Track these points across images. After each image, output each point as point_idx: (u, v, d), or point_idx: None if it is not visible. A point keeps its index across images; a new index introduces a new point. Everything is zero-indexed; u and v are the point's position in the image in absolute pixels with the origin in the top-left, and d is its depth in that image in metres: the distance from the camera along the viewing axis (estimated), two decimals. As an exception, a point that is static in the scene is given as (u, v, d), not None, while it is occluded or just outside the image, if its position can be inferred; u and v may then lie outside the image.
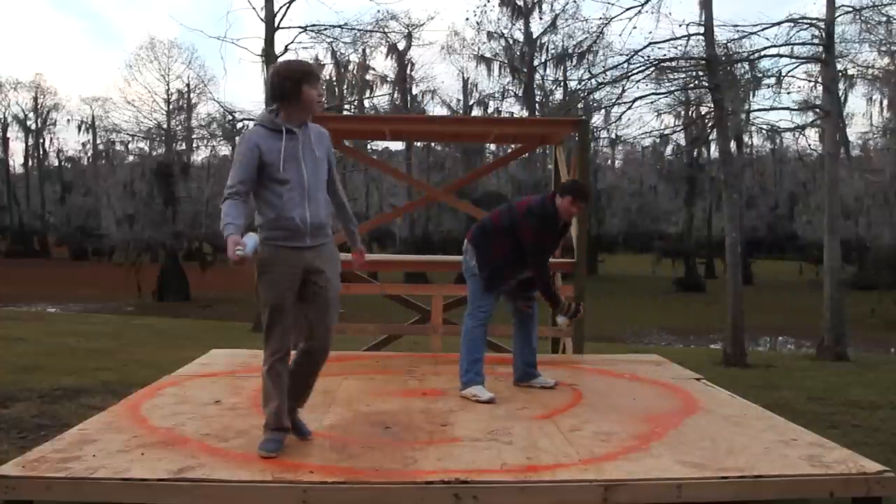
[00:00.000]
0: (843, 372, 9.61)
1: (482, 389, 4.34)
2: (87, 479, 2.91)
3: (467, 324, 4.59)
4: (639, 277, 36.23)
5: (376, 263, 10.63)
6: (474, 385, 4.38)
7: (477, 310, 4.57)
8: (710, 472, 3.08)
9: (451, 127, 9.04)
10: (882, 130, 27.84)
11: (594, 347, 8.41)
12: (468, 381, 4.41)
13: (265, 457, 3.17)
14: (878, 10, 12.14)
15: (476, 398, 4.28)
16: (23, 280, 31.31)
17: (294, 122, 3.23)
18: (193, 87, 31.45)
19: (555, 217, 4.54)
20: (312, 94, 3.22)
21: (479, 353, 4.50)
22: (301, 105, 3.22)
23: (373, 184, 41.11)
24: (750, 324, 12.61)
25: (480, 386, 4.38)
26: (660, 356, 6.26)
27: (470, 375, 4.42)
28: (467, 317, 4.62)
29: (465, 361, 4.47)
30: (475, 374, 4.43)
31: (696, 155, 33.77)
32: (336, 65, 27.25)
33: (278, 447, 3.25)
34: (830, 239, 12.14)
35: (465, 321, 4.64)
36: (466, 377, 4.43)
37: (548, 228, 4.54)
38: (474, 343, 4.52)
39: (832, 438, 3.75)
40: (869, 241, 28.49)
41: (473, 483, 2.92)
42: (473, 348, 4.50)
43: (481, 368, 4.48)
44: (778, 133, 23.01)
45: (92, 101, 43.03)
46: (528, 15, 29.83)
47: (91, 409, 5.24)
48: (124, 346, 10.13)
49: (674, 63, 11.92)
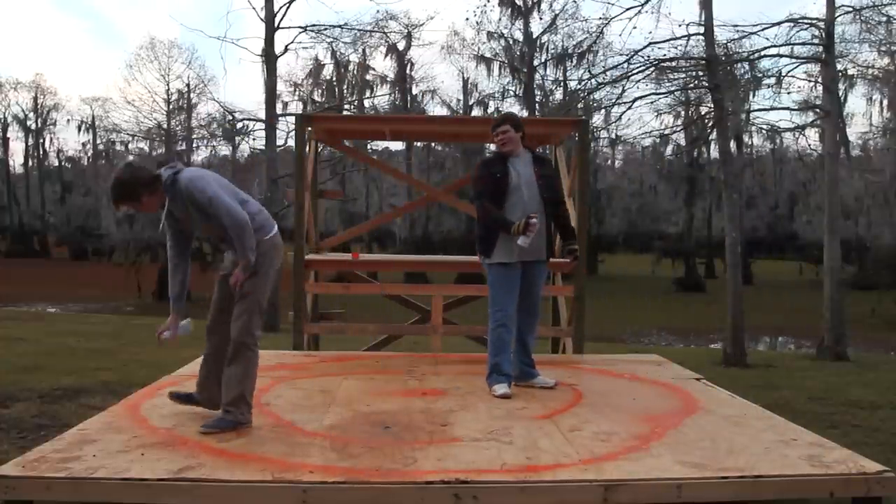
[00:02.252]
0: (843, 372, 9.60)
1: (501, 386, 4.47)
2: (87, 479, 2.91)
3: (489, 325, 4.67)
4: (639, 277, 36.24)
5: (376, 263, 10.65)
6: (496, 384, 4.51)
7: (495, 311, 4.60)
8: (710, 472, 3.08)
9: (451, 127, 9.05)
10: (882, 130, 27.86)
11: (594, 347, 8.41)
12: (490, 382, 4.55)
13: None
14: (878, 10, 12.13)
15: (494, 393, 4.44)
16: (23, 280, 31.33)
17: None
18: (193, 87, 31.51)
19: (499, 157, 4.65)
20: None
21: (498, 355, 4.55)
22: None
23: (373, 184, 41.13)
24: (750, 324, 12.61)
25: (502, 384, 4.49)
26: (660, 356, 6.26)
27: (492, 378, 4.55)
28: (489, 318, 4.66)
29: (488, 364, 4.60)
30: (497, 374, 4.54)
31: (696, 155, 33.80)
32: (336, 65, 27.26)
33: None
34: (830, 239, 12.14)
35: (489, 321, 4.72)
36: (489, 380, 4.57)
37: (491, 168, 4.63)
38: (493, 345, 4.59)
39: (832, 438, 3.75)
40: (869, 241, 28.52)
41: (473, 483, 2.92)
42: (493, 350, 4.59)
43: (505, 367, 4.56)
44: (778, 133, 23.02)
45: (92, 101, 43.06)
46: (527, 15, 29.85)
47: (91, 409, 5.24)
48: (124, 346, 10.12)
49: (674, 63, 11.91)
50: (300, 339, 6.43)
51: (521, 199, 4.55)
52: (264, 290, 3.68)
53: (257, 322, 3.67)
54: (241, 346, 3.61)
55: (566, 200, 5.35)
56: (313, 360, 5.78)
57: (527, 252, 4.49)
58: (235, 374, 3.60)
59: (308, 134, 6.83)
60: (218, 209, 3.48)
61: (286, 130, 19.46)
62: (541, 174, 4.66)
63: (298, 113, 22.66)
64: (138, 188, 3.47)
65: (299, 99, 29.31)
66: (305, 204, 6.58)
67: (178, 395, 3.92)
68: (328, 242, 8.24)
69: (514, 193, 4.56)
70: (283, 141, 19.37)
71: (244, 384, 3.62)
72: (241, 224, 3.49)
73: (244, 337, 3.61)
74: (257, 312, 3.66)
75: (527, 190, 4.57)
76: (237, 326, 3.62)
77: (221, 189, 3.56)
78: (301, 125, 6.69)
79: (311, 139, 7.00)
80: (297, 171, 6.63)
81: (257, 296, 3.64)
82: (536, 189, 4.59)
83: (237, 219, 3.49)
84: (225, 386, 3.63)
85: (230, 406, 3.60)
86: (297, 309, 6.34)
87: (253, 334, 3.64)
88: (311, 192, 7.05)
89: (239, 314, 3.63)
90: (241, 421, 3.60)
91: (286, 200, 15.96)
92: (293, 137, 8.22)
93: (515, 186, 4.56)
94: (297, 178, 6.64)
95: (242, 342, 3.61)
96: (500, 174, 4.58)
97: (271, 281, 3.74)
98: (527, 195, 4.56)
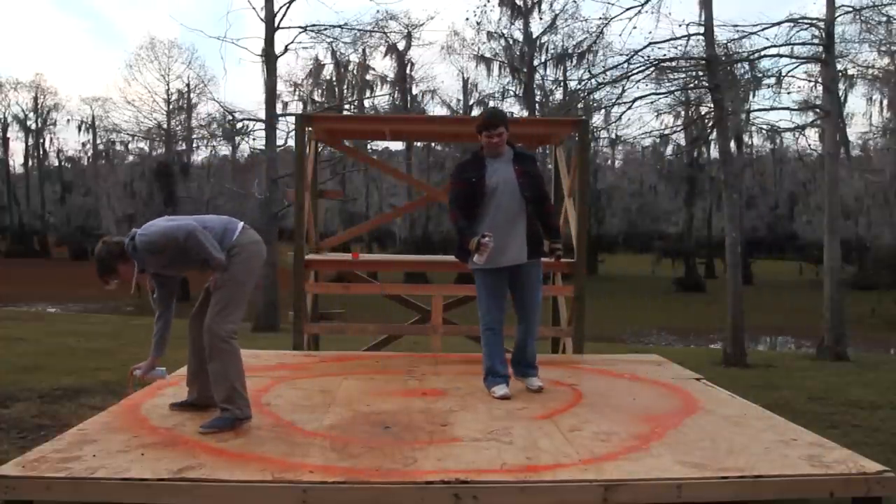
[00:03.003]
0: (843, 372, 9.60)
1: (500, 387, 4.45)
2: (87, 479, 2.91)
3: (480, 328, 4.66)
4: (639, 277, 36.24)
5: (376, 263, 10.65)
6: (494, 386, 4.48)
7: (482, 315, 4.60)
8: (710, 472, 3.08)
9: (451, 127, 9.04)
10: (882, 130, 27.86)
11: (594, 347, 8.41)
12: (488, 385, 4.53)
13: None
14: (878, 10, 12.13)
15: (493, 395, 4.42)
16: (23, 280, 31.35)
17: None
18: (193, 87, 31.53)
19: (476, 158, 4.53)
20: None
21: (491, 359, 4.54)
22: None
23: (373, 184, 41.12)
24: (750, 324, 12.61)
25: (500, 385, 4.47)
26: (660, 356, 6.26)
27: (489, 381, 4.54)
28: (479, 322, 4.66)
29: (483, 367, 4.60)
30: (493, 376, 4.53)
31: (696, 155, 33.79)
32: (336, 65, 27.28)
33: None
34: (830, 239, 12.14)
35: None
36: (486, 382, 4.55)
37: (465, 174, 4.51)
38: (486, 348, 4.58)
39: (832, 438, 3.75)
40: (869, 241, 28.54)
41: (473, 483, 2.92)
42: (485, 353, 4.59)
43: (500, 370, 4.53)
44: (778, 133, 23.00)
45: (92, 101, 43.00)
46: (527, 15, 29.84)
47: (91, 409, 5.24)
48: (124, 346, 10.11)
49: (674, 63, 11.91)
50: (300, 339, 6.43)
51: (499, 203, 4.41)
52: (238, 284, 3.73)
53: (232, 315, 3.71)
54: (214, 339, 3.65)
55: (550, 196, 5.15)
56: (313, 360, 5.78)
57: (502, 259, 4.40)
58: (217, 371, 3.66)
59: (308, 134, 6.83)
60: (168, 234, 3.61)
61: (286, 130, 19.49)
62: (522, 171, 4.47)
63: (298, 113, 22.67)
64: (112, 261, 3.62)
65: (299, 99, 29.36)
66: (305, 204, 6.58)
67: (177, 405, 4.02)
68: (328, 242, 8.24)
69: (491, 197, 4.41)
70: (283, 141, 19.40)
71: (230, 378, 3.65)
72: (189, 230, 3.60)
73: (217, 330, 3.65)
74: (231, 305, 3.70)
75: (506, 191, 4.41)
76: (209, 318, 3.69)
77: (163, 221, 3.74)
78: (301, 125, 6.69)
79: (311, 139, 7.00)
80: (297, 171, 6.63)
81: (230, 289, 3.70)
82: (517, 188, 4.43)
83: (188, 230, 3.60)
84: (213, 385, 3.69)
85: (225, 403, 3.64)
86: (297, 309, 6.34)
87: (225, 327, 3.67)
88: (311, 192, 7.05)
89: (212, 307, 3.71)
90: (238, 416, 3.63)
91: (286, 200, 15.96)
92: (293, 137, 8.23)
93: (492, 189, 4.41)
94: (297, 178, 6.64)
95: (216, 335, 3.65)
96: (476, 178, 4.43)
97: (248, 276, 3.80)
98: (506, 197, 4.41)
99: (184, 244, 3.59)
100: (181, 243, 3.59)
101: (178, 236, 3.59)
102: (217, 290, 3.72)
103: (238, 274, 3.72)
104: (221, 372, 3.65)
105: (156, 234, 3.62)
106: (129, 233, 3.70)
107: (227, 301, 3.70)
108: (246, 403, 3.68)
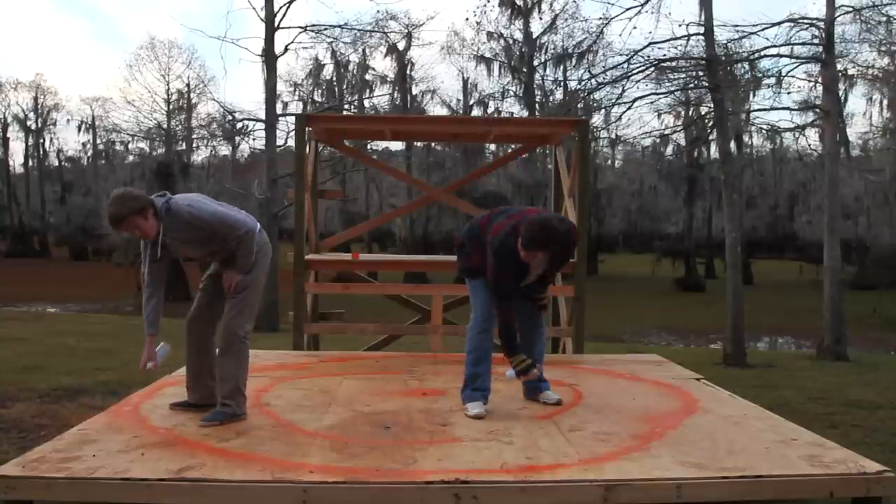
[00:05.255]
0: (843, 372, 9.59)
1: (475, 405, 4.02)
2: (87, 479, 2.92)
3: (469, 330, 4.22)
4: (639, 277, 36.24)
5: (376, 263, 10.65)
6: (470, 402, 4.06)
7: (477, 315, 4.20)
8: (710, 472, 3.08)
9: (451, 127, 9.05)
10: (882, 130, 27.86)
11: (594, 347, 8.41)
12: (465, 398, 4.11)
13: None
14: (878, 10, 12.11)
15: (466, 412, 4.00)
16: (23, 280, 31.31)
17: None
18: (193, 87, 31.59)
19: (516, 253, 3.90)
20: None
21: (479, 365, 4.11)
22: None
23: (373, 184, 41.07)
24: (750, 324, 12.59)
25: (476, 402, 4.04)
26: (660, 356, 6.26)
27: (467, 393, 4.11)
28: (470, 321, 4.24)
29: (467, 374, 4.15)
30: (472, 389, 4.10)
31: (696, 155, 33.78)
32: (336, 65, 27.28)
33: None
34: (830, 239, 12.13)
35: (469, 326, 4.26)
36: (464, 394, 4.13)
37: (509, 266, 3.97)
38: (474, 353, 4.14)
39: (832, 438, 3.75)
40: (869, 241, 28.53)
41: (473, 483, 2.92)
42: (474, 359, 4.14)
43: (484, 382, 4.11)
44: (778, 133, 23.03)
45: (92, 101, 42.86)
46: (527, 15, 29.82)
47: (91, 409, 5.23)
48: (124, 346, 10.09)
49: (674, 63, 11.90)
50: (300, 339, 6.43)
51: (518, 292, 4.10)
52: (258, 285, 3.84)
53: (249, 317, 3.82)
54: (233, 337, 3.73)
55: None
56: (313, 360, 5.78)
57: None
58: (227, 368, 3.73)
59: (308, 134, 6.83)
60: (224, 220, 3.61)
61: (286, 130, 19.49)
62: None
63: (298, 113, 22.65)
64: (144, 210, 3.51)
65: (299, 99, 29.38)
66: (305, 204, 6.58)
67: (177, 405, 4.04)
68: (328, 242, 8.24)
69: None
70: (283, 141, 19.40)
71: (238, 376, 3.75)
72: (251, 230, 3.66)
73: (237, 329, 3.74)
74: (249, 306, 3.79)
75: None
76: (230, 318, 3.75)
77: (211, 201, 3.73)
78: (301, 125, 6.69)
79: (311, 139, 7.00)
80: (297, 171, 6.63)
81: (251, 291, 3.78)
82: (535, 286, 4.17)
83: (248, 226, 3.65)
84: (220, 379, 3.74)
85: (227, 399, 3.71)
86: (297, 309, 6.34)
87: (244, 327, 3.78)
88: (311, 192, 7.04)
89: (232, 307, 3.76)
90: (237, 413, 3.71)
91: (286, 200, 15.95)
92: (293, 137, 8.24)
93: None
94: (297, 178, 6.64)
95: (234, 334, 3.73)
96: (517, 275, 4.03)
97: (265, 277, 3.90)
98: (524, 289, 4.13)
99: (229, 234, 3.60)
100: (228, 233, 3.60)
101: (234, 227, 3.60)
102: (238, 295, 3.75)
103: (259, 276, 3.80)
104: (231, 369, 3.72)
105: (208, 213, 3.59)
106: (158, 192, 3.66)
107: (247, 302, 3.77)
108: (244, 401, 3.79)
